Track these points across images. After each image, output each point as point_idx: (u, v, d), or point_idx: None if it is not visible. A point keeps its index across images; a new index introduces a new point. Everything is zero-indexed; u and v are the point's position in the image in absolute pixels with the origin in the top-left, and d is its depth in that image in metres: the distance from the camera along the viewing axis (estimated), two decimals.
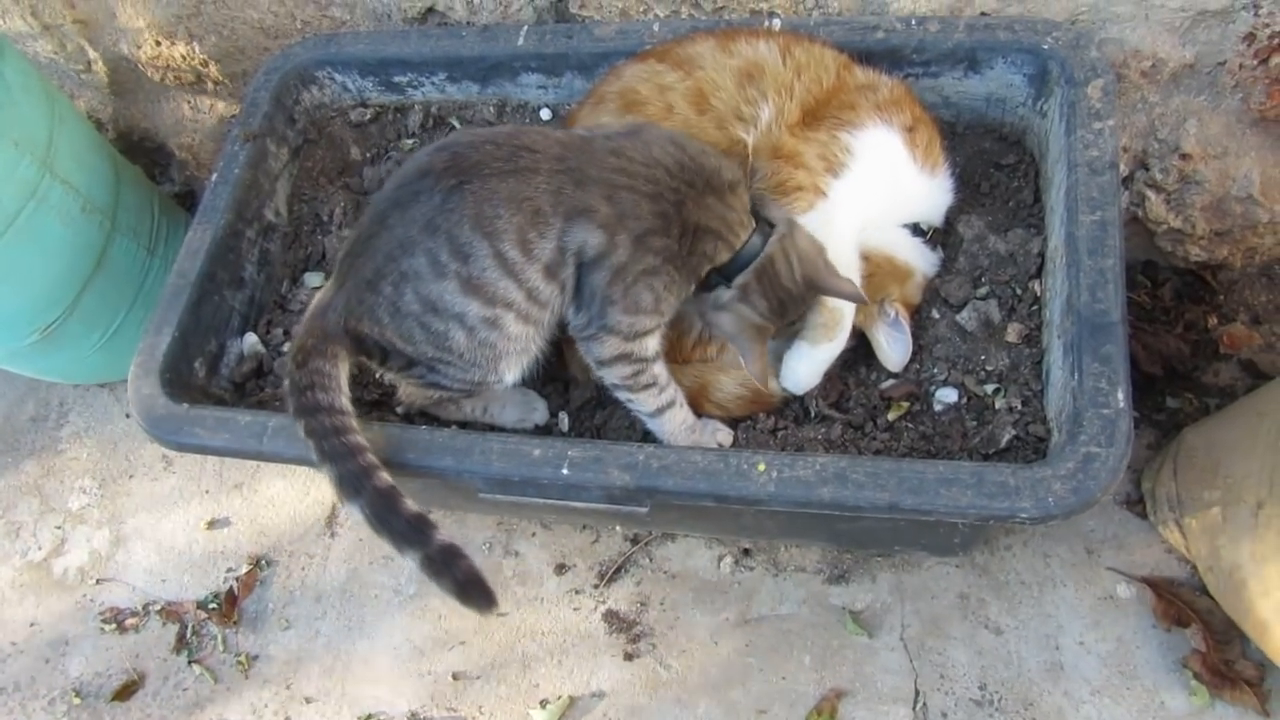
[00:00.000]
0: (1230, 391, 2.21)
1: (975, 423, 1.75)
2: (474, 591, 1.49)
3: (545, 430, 1.88)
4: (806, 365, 1.78)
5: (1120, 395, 1.51)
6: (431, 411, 1.86)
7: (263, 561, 2.41)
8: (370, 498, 1.54)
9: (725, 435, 1.77)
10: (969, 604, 2.09)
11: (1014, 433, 1.68)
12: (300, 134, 2.24)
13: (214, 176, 2.07)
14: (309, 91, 2.23)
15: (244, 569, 2.40)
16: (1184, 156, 2.07)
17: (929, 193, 1.83)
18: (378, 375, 1.82)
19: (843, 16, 2.03)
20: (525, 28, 2.11)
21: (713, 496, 1.57)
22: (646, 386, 1.70)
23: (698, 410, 1.82)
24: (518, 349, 1.67)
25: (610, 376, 1.71)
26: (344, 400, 1.63)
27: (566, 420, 1.89)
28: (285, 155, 2.19)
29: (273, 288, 2.13)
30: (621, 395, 1.73)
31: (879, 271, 1.79)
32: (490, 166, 1.58)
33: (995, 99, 1.98)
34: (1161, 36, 1.93)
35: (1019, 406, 1.73)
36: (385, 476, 1.56)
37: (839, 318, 1.75)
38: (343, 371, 1.66)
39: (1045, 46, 1.85)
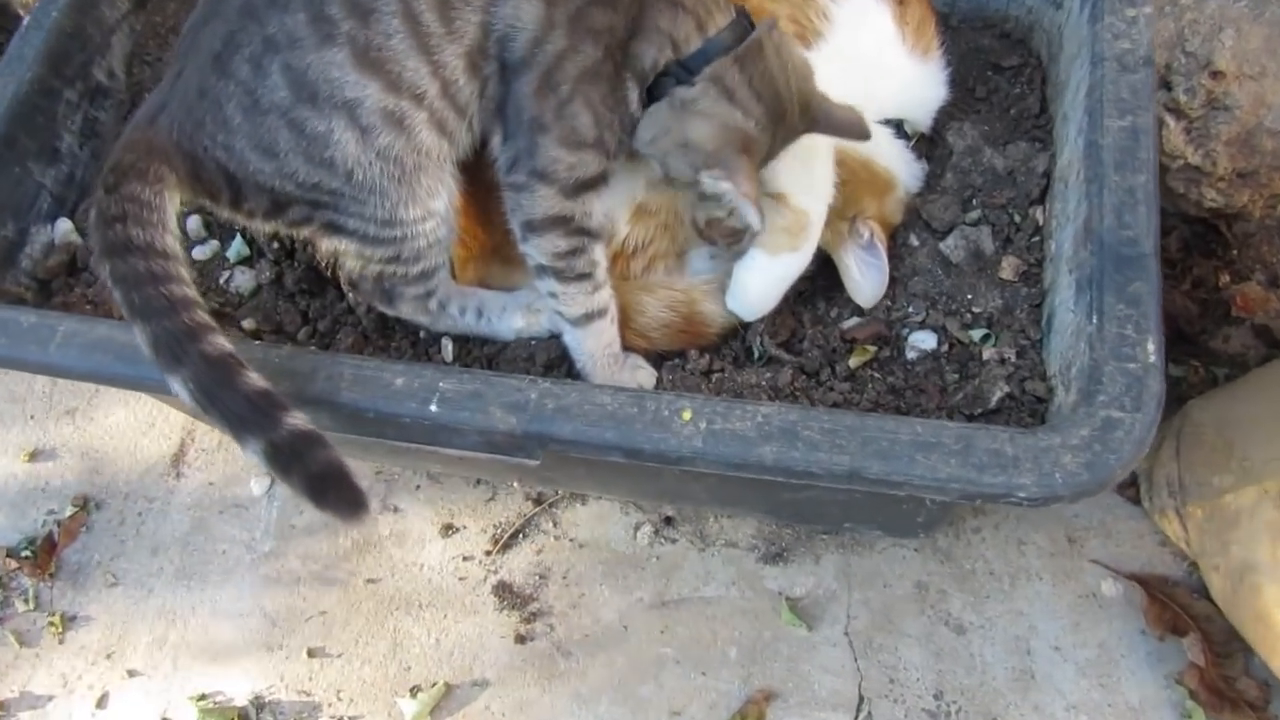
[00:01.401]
0: (1242, 361, 1.89)
1: (957, 375, 1.41)
2: (334, 490, 1.14)
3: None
4: (760, 280, 1.41)
5: (1151, 346, 1.18)
6: (408, 316, 1.47)
7: (91, 503, 2.01)
8: (197, 368, 1.15)
9: (647, 375, 1.41)
10: (927, 595, 1.76)
11: (1006, 389, 1.34)
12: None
13: (26, 20, 1.64)
14: None
15: (68, 511, 2.01)
16: (1215, 75, 1.73)
17: (918, 82, 1.48)
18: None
19: None
20: None
21: (622, 450, 1.21)
22: (581, 276, 1.34)
23: None
24: (434, 167, 1.28)
25: (539, 251, 1.33)
26: (168, 240, 1.23)
27: (451, 346, 1.51)
28: (126, 4, 1.77)
29: (101, 166, 1.70)
30: (546, 284, 1.36)
31: (853, 179, 1.43)
32: None
33: None
34: None
35: (1012, 358, 1.39)
36: (221, 341, 1.17)
37: (806, 220, 1.39)
38: (169, 203, 1.25)
39: None
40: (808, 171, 1.38)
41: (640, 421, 1.21)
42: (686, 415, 1.20)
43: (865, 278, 1.44)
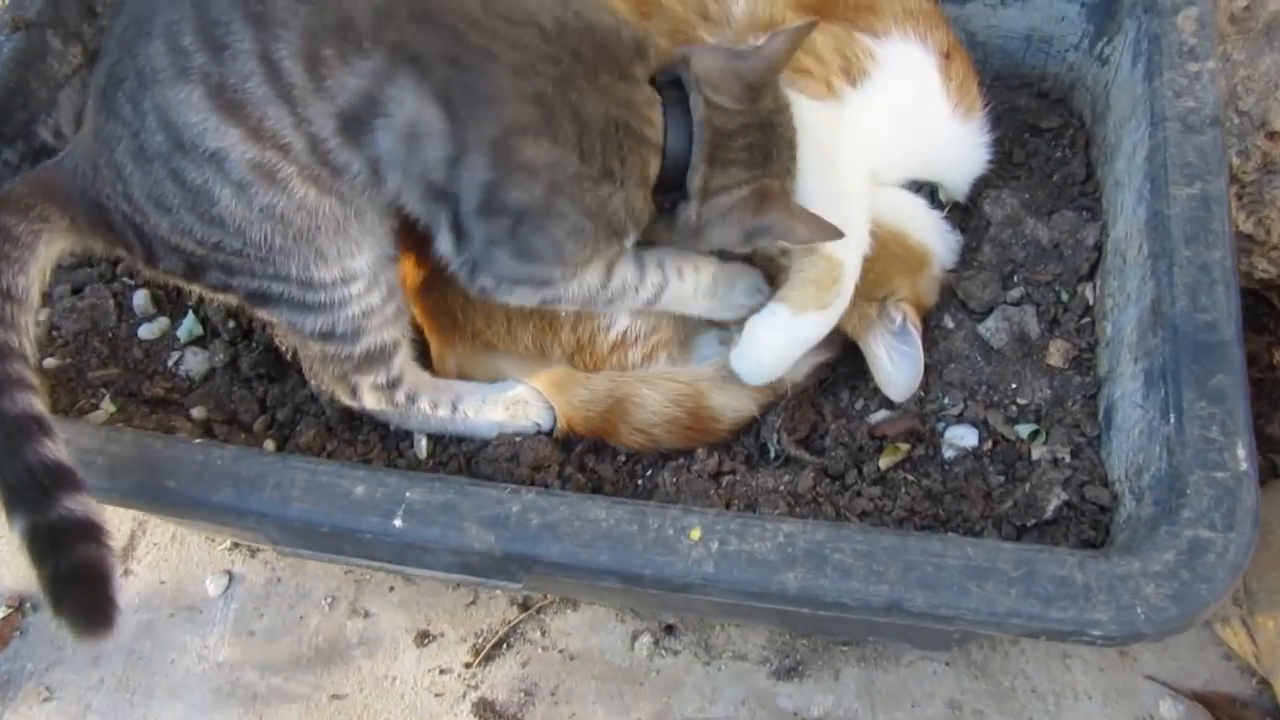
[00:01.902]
0: None
1: (1003, 478, 1.23)
2: (79, 594, 0.96)
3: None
4: (776, 339, 1.22)
5: (1241, 451, 1.01)
6: (373, 410, 1.30)
7: (27, 604, 1.81)
8: None
9: (756, 280, 1.29)
10: (961, 717, 1.56)
11: (1064, 496, 1.16)
12: (102, 32, 1.66)
13: None
14: None
15: (0, 613, 1.80)
16: (1271, 135, 1.58)
17: (959, 144, 1.32)
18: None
19: None
20: None
21: (618, 575, 1.03)
22: (614, 300, 1.22)
23: (610, 435, 1.28)
24: (335, 226, 1.09)
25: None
26: (21, 282, 1.06)
27: (425, 443, 1.33)
28: (77, 58, 1.61)
29: None
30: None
31: (884, 254, 1.26)
32: None
33: (1038, 38, 1.48)
34: None
35: (1066, 458, 1.21)
36: (31, 400, 1.02)
37: (839, 272, 1.20)
38: (44, 247, 1.09)
39: None
40: (841, 212, 1.19)
41: (641, 541, 1.03)
42: (695, 534, 1.02)
43: (897, 368, 1.26)
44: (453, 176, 1.04)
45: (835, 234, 1.13)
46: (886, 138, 1.19)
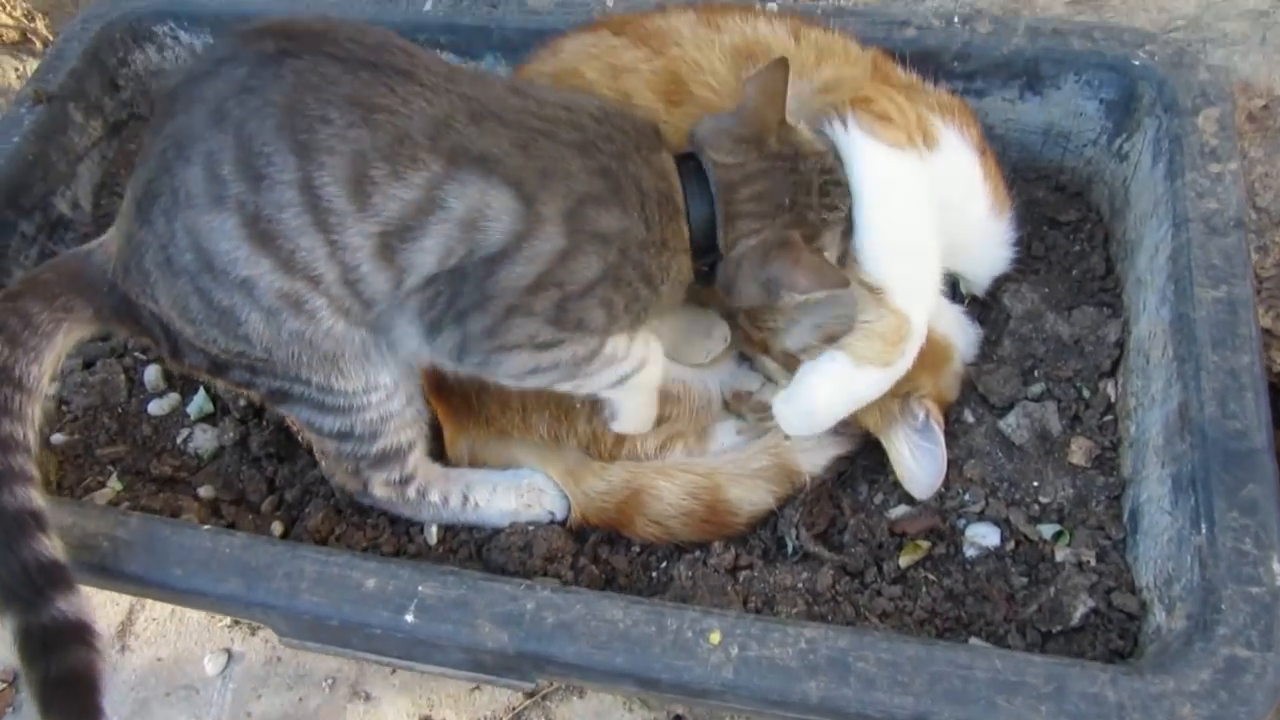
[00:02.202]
0: None
1: (1026, 579, 1.20)
2: (67, 702, 0.96)
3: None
4: (832, 390, 1.17)
5: (1276, 566, 1.00)
6: (384, 504, 1.29)
7: (20, 679, 1.76)
8: None
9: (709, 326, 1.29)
10: None
11: (1091, 603, 1.13)
12: (125, 106, 1.67)
13: None
14: (143, 51, 1.67)
15: None
16: None
17: (989, 240, 1.31)
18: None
19: (860, 7, 1.53)
20: None
21: (635, 679, 1.00)
22: (596, 373, 1.17)
23: (625, 527, 1.26)
24: (359, 353, 1.10)
25: (532, 384, 1.17)
26: (34, 372, 1.06)
27: (435, 529, 1.30)
28: (98, 130, 1.63)
29: None
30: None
31: None
32: (339, 46, 1.01)
33: (1056, 133, 1.47)
34: None
35: (1092, 561, 1.18)
36: (31, 494, 1.01)
37: (907, 329, 1.16)
38: (62, 337, 1.09)
39: (1136, 63, 1.36)
40: (916, 265, 1.17)
41: (659, 644, 1.00)
42: (715, 638, 1.00)
43: (920, 466, 1.24)
44: (509, 252, 1.03)
45: (842, 282, 1.10)
46: (939, 211, 1.18)
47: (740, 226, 1.12)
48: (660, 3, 1.45)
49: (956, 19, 1.43)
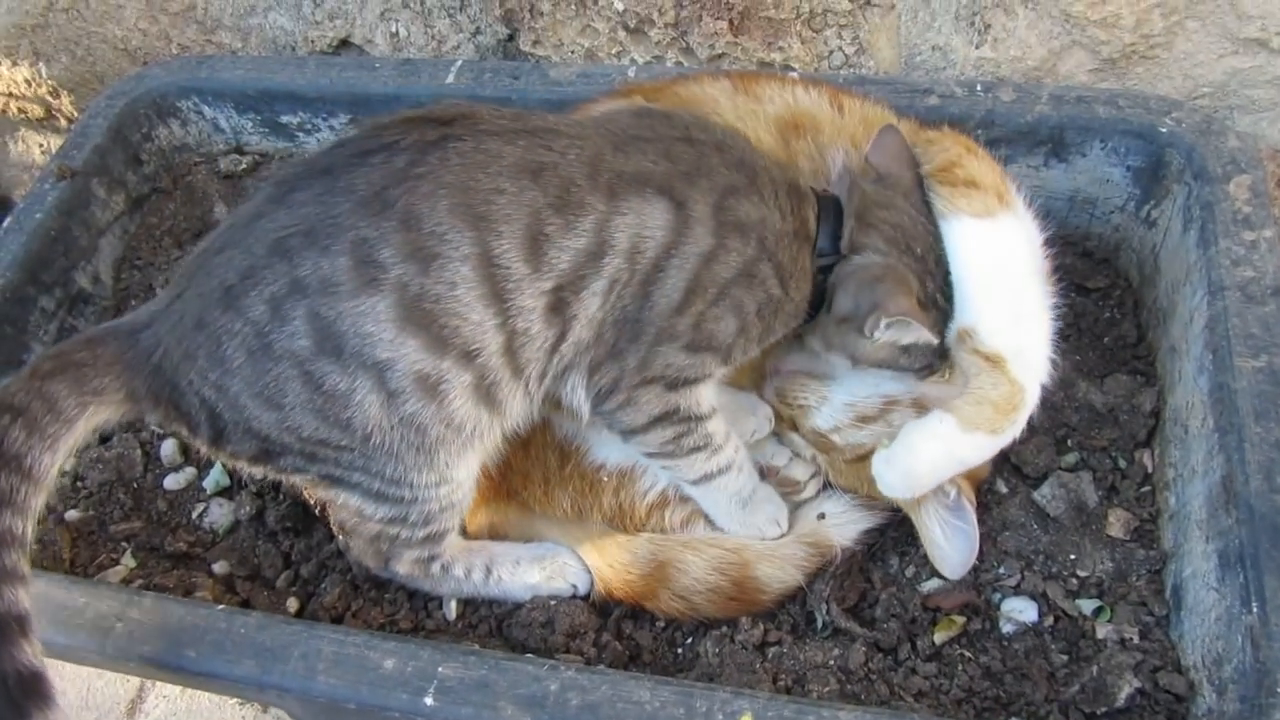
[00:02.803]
0: None
1: (1066, 657, 1.16)
2: None
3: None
4: (937, 452, 1.14)
5: None
6: (404, 578, 1.26)
7: None
8: None
9: (778, 513, 1.27)
10: None
11: (1136, 683, 1.08)
12: (147, 180, 1.68)
13: (7, 221, 1.49)
14: (166, 126, 1.68)
15: None
16: None
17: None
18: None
19: (882, 76, 1.53)
20: (459, 62, 1.59)
21: None
22: (694, 450, 1.18)
23: (649, 601, 1.22)
24: (463, 442, 1.08)
25: (644, 447, 1.18)
26: (46, 461, 1.02)
27: (454, 604, 1.27)
28: (120, 204, 1.63)
29: None
30: (656, 462, 1.23)
31: None
32: (489, 122, 1.04)
33: (1083, 199, 1.46)
34: None
35: (1135, 639, 1.14)
36: (19, 597, 0.96)
37: (1021, 399, 1.13)
38: (84, 422, 1.05)
39: (1163, 130, 1.35)
40: (1033, 333, 1.15)
41: None
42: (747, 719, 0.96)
43: (951, 545, 1.20)
44: (659, 273, 1.06)
45: (933, 327, 1.11)
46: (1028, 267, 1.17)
47: (869, 236, 1.15)
48: (681, 72, 1.46)
49: (979, 86, 1.43)
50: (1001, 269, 1.16)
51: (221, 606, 1.13)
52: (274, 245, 1.00)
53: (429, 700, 1.00)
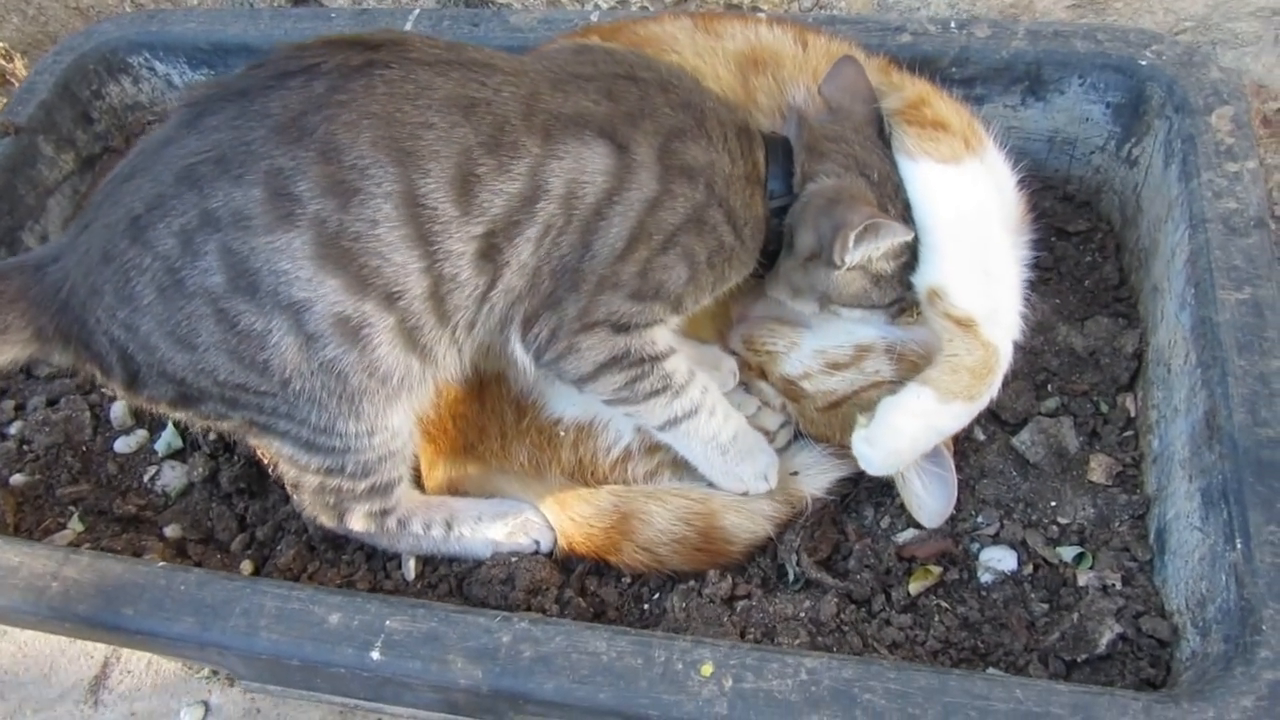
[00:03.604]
0: None
1: (1047, 606, 1.12)
2: None
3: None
4: (917, 427, 1.10)
5: None
6: (361, 534, 1.21)
7: None
8: None
9: (767, 467, 1.18)
10: None
11: (1118, 629, 1.04)
12: (99, 139, 1.63)
13: None
14: (118, 83, 1.63)
15: None
16: None
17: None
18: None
19: (854, 15, 1.48)
20: (416, 11, 1.53)
21: (621, 716, 0.92)
22: (652, 394, 1.10)
23: (613, 555, 1.17)
24: (387, 388, 1.03)
25: (598, 393, 1.11)
26: None
27: (413, 563, 1.22)
28: (70, 163, 1.58)
29: None
30: (616, 409, 1.16)
31: (915, 369, 1.16)
32: (420, 50, 0.98)
33: (1062, 139, 1.41)
34: None
35: (1117, 585, 1.10)
36: None
37: (996, 360, 1.09)
38: None
39: (1143, 64, 1.30)
40: (1004, 290, 1.11)
41: (645, 678, 0.91)
42: (707, 670, 0.91)
43: (928, 492, 1.15)
44: (599, 219, 1.00)
45: (906, 231, 1.05)
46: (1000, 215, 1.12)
47: (820, 164, 1.09)
48: (649, 14, 1.41)
49: (953, 23, 1.38)
50: (971, 222, 1.10)
51: (162, 564, 1.08)
52: (183, 173, 0.94)
53: (375, 655, 0.95)
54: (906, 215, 1.09)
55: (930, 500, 1.16)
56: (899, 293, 1.12)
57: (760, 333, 1.23)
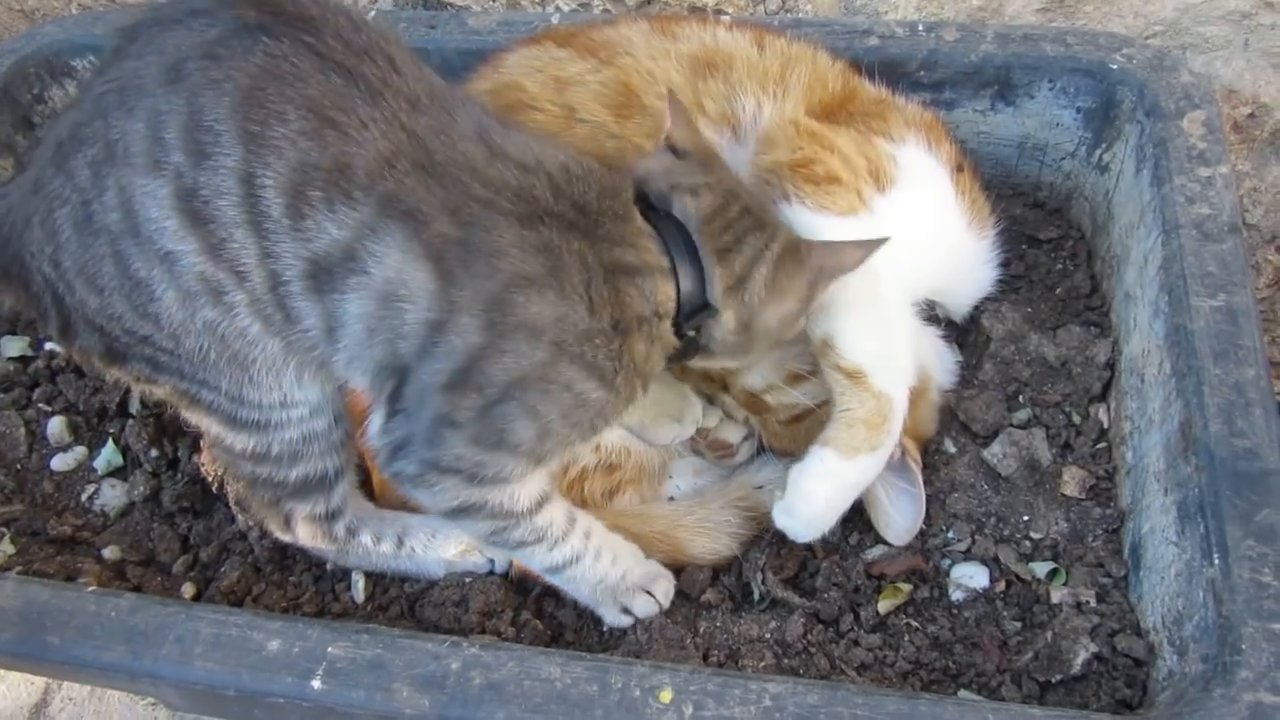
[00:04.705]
0: None
1: (1019, 624, 1.08)
2: None
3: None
4: (829, 489, 1.08)
5: None
6: (308, 543, 1.15)
7: None
8: None
9: (663, 591, 1.10)
10: None
11: (1093, 648, 1.00)
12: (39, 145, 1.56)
13: None
14: (61, 87, 1.57)
15: None
16: None
17: (969, 262, 1.22)
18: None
19: (820, 18, 1.45)
20: (372, 12, 1.48)
21: None
22: (525, 544, 1.02)
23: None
24: (275, 361, 0.96)
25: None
26: None
27: (362, 584, 1.17)
28: (8, 169, 1.52)
29: None
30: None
31: None
32: (322, 38, 0.90)
33: (1032, 145, 1.39)
34: (1266, 74, 1.36)
35: (1091, 602, 1.06)
36: None
37: (889, 408, 1.06)
38: None
39: (1114, 67, 1.28)
40: (888, 339, 1.08)
41: (601, 705, 0.87)
42: (665, 696, 0.87)
43: (897, 509, 1.11)
44: (426, 347, 0.90)
45: (877, 244, 1.00)
46: (909, 253, 1.07)
47: (750, 245, 0.98)
48: (607, 18, 1.37)
49: (921, 27, 1.35)
50: (860, 273, 1.05)
51: (92, 589, 1.02)
52: (96, 100, 0.90)
53: (316, 684, 0.90)
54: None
55: (898, 517, 1.12)
56: None
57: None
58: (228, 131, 0.86)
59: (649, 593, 1.09)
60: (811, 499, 1.08)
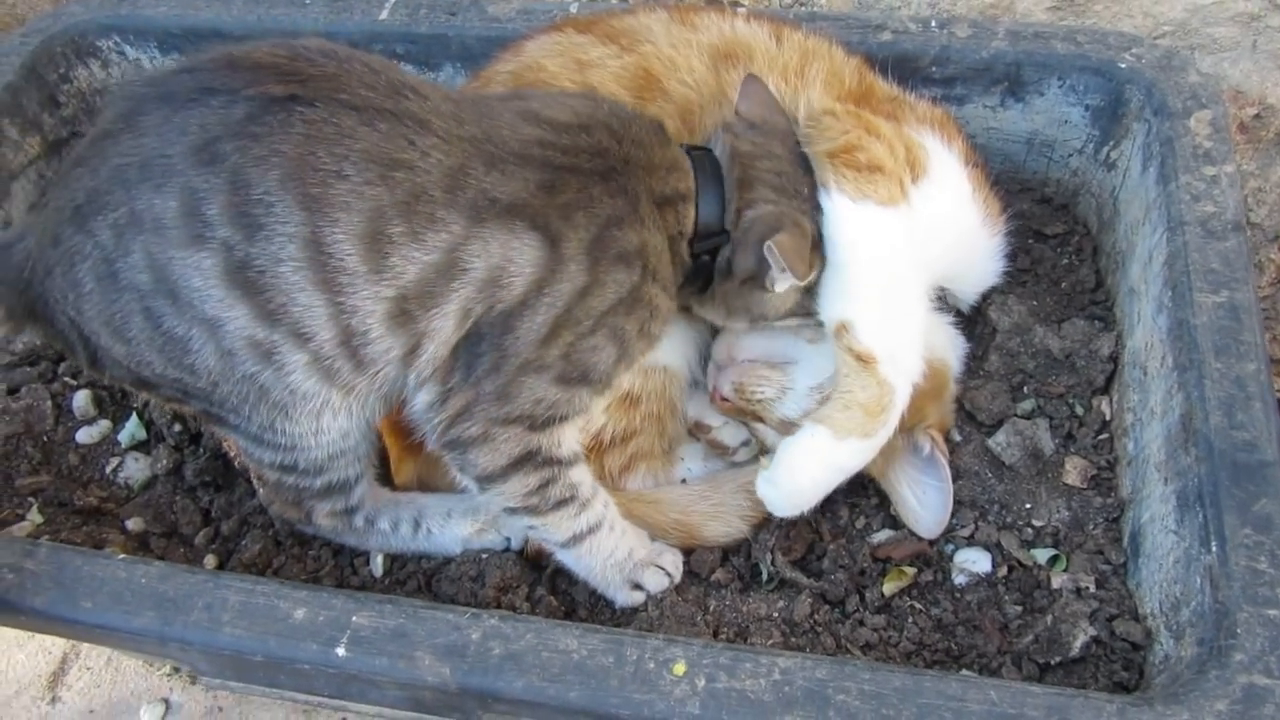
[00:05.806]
0: None
1: (1020, 608, 1.11)
2: None
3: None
4: (815, 466, 1.09)
5: None
6: (329, 534, 1.20)
7: None
8: None
9: (672, 563, 1.14)
10: None
11: (1092, 632, 1.03)
12: (66, 124, 1.59)
13: None
14: (86, 67, 1.59)
15: None
16: None
17: (981, 254, 1.24)
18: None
19: (834, 12, 1.47)
20: (392, 0, 1.51)
21: (591, 715, 0.90)
22: (560, 503, 1.06)
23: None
24: (313, 404, 1.00)
25: (505, 498, 1.05)
26: None
27: (381, 559, 1.20)
28: (35, 148, 1.54)
29: None
30: (519, 519, 1.09)
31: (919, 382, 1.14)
32: (353, 91, 0.93)
33: (1041, 142, 1.41)
34: (1274, 76, 1.39)
35: (1091, 588, 1.09)
36: None
37: (890, 399, 1.08)
38: None
39: (1123, 66, 1.30)
40: (903, 333, 1.10)
41: (616, 676, 0.90)
42: (679, 669, 0.90)
43: (924, 504, 1.14)
44: (526, 305, 0.97)
45: (804, 274, 1.06)
46: (933, 245, 1.11)
47: (755, 194, 1.08)
48: (625, 6, 1.40)
49: (934, 22, 1.37)
50: (889, 264, 1.10)
51: (122, 556, 1.05)
52: (115, 171, 0.92)
53: (341, 651, 0.93)
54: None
55: (927, 512, 1.15)
56: None
57: (749, 380, 1.20)
58: (282, 201, 0.90)
59: (659, 566, 1.12)
60: (797, 473, 1.09)
